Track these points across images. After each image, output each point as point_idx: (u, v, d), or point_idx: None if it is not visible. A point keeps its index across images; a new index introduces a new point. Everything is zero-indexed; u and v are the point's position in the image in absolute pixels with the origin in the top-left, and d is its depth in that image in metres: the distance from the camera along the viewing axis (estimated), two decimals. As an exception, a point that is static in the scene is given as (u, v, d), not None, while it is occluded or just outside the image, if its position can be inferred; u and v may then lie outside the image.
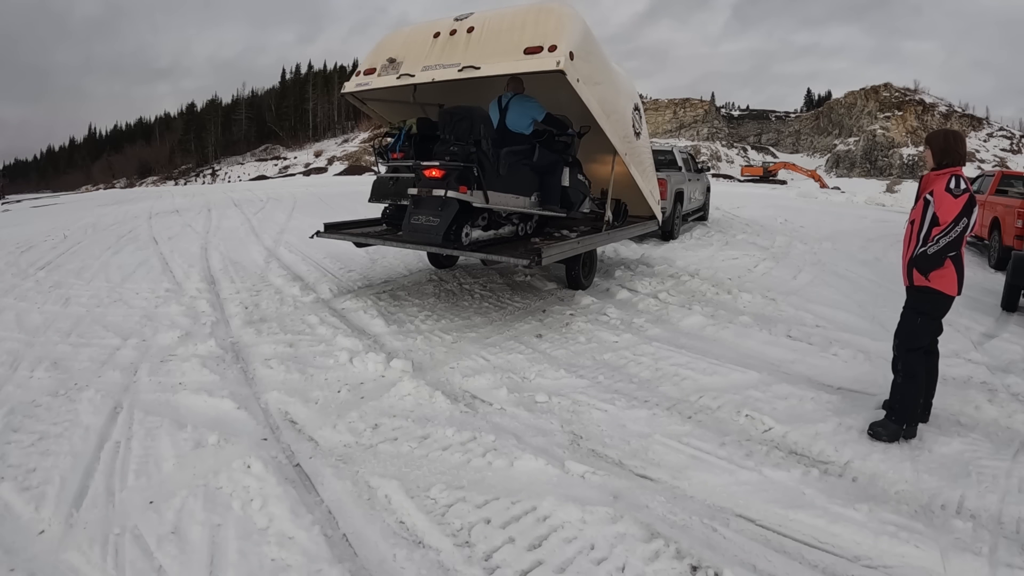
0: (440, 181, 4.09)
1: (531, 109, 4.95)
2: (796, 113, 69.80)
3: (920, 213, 2.82)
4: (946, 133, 2.90)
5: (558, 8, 4.36)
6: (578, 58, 4.14)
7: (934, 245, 2.71)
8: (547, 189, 5.01)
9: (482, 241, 4.68)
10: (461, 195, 4.07)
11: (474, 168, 4.12)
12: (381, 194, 5.33)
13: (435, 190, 4.07)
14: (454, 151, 4.13)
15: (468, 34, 4.54)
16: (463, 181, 4.08)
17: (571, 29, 4.21)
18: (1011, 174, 9.45)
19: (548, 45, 4.08)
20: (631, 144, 5.49)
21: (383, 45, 5.11)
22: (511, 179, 4.58)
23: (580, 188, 5.26)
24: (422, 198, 4.20)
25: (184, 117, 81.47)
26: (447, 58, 4.55)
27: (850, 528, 2.17)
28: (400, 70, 4.80)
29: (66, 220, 12.77)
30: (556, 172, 5.01)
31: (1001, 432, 2.98)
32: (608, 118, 4.80)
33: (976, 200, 2.74)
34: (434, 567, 1.98)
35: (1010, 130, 53.85)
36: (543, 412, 3.11)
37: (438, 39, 4.69)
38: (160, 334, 4.28)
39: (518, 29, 4.31)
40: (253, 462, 2.54)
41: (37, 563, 2.01)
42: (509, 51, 4.25)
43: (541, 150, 4.89)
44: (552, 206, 5.06)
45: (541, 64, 4.06)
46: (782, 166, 42.78)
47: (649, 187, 6.17)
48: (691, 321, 4.70)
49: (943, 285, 2.79)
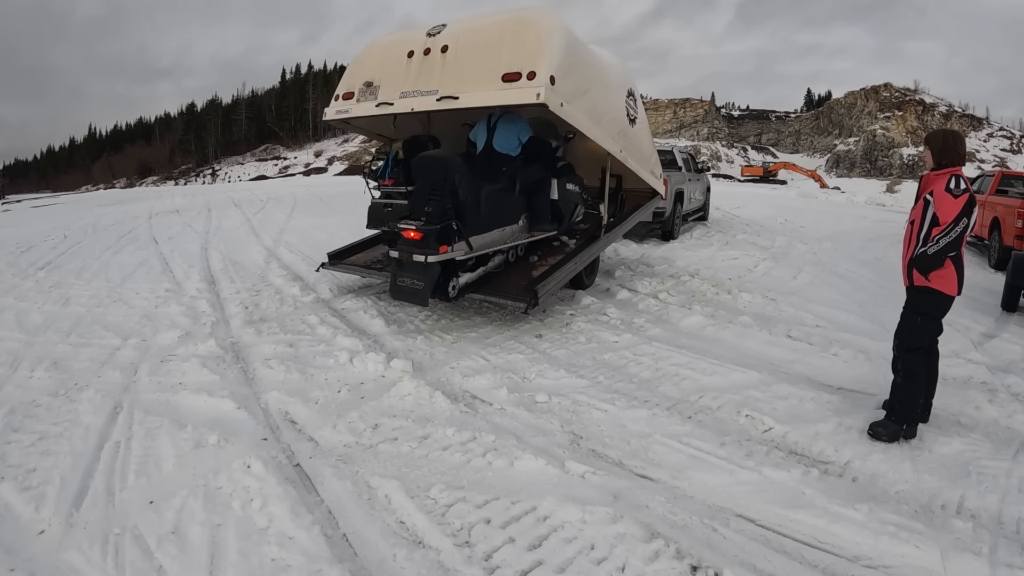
0: (419, 244, 3.96)
1: (519, 130, 4.82)
2: (796, 113, 69.81)
3: (920, 213, 2.81)
4: (945, 133, 2.90)
5: (535, 21, 4.12)
6: (560, 76, 3.95)
7: (934, 245, 2.70)
8: (535, 208, 4.90)
9: (472, 284, 4.59)
10: (442, 256, 3.96)
11: (453, 223, 4.01)
12: (378, 220, 5.32)
13: (415, 255, 3.95)
14: (429, 212, 3.98)
15: (443, 54, 4.32)
16: (443, 240, 3.97)
17: (550, 46, 3.98)
18: (1011, 174, 9.45)
19: (527, 72, 3.89)
20: (626, 136, 5.33)
21: (358, 65, 4.95)
22: (495, 213, 4.47)
23: (571, 198, 5.12)
24: (403, 261, 4.08)
25: (184, 117, 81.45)
26: (424, 83, 4.37)
27: (850, 528, 2.16)
28: (378, 95, 4.66)
29: (66, 220, 12.77)
30: (544, 189, 4.88)
31: (1001, 432, 2.98)
32: (598, 124, 4.65)
33: (976, 200, 2.73)
34: (434, 567, 1.98)
35: (1010, 130, 53.87)
36: (543, 412, 3.11)
37: (412, 59, 4.49)
38: (160, 334, 4.28)
39: (495, 48, 4.09)
40: (253, 462, 2.54)
41: (37, 563, 2.01)
42: (486, 77, 4.04)
43: (525, 169, 4.76)
44: (542, 226, 4.96)
45: (520, 96, 3.88)
46: (782, 166, 42.78)
47: (650, 167, 6.02)
48: (691, 321, 4.70)
49: (943, 285, 2.79)
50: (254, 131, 76.39)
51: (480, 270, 4.70)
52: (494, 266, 4.88)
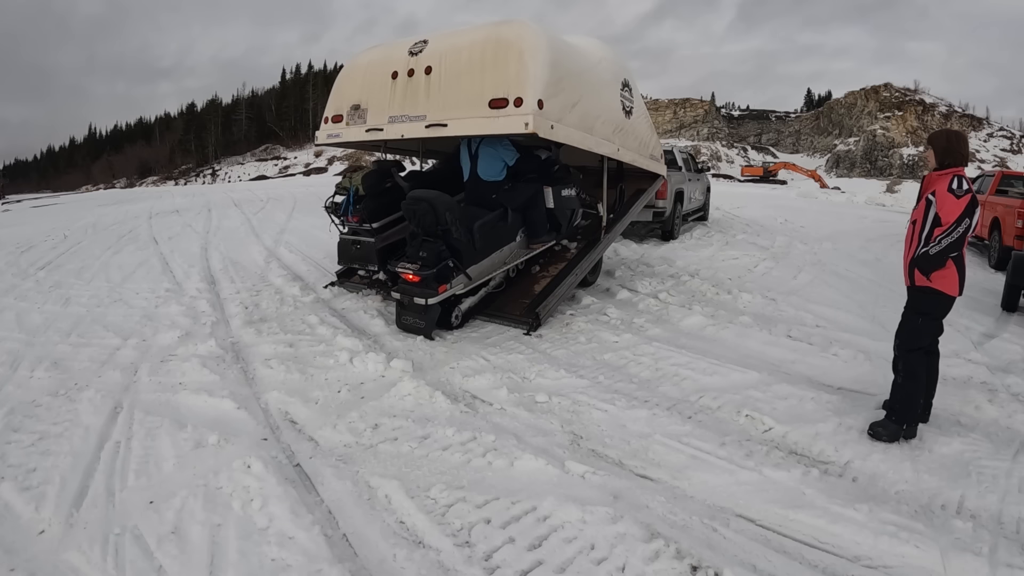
0: (418, 287, 4.05)
1: (503, 153, 4.69)
2: (796, 113, 69.81)
3: (922, 213, 2.81)
4: (948, 133, 2.89)
5: (516, 40, 3.98)
6: (548, 97, 3.89)
7: (936, 245, 2.70)
8: (532, 223, 4.86)
9: (475, 307, 4.65)
10: (441, 295, 4.06)
11: (449, 261, 4.07)
12: (348, 258, 5.15)
13: (415, 298, 4.04)
14: (424, 256, 4.04)
15: (427, 76, 4.27)
16: (441, 280, 4.05)
17: (535, 66, 3.88)
18: (1011, 174, 9.44)
19: (513, 98, 3.82)
20: (623, 131, 5.25)
21: (343, 87, 4.92)
22: (490, 240, 4.49)
23: (567, 204, 5.07)
24: (405, 304, 4.19)
25: (184, 117, 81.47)
26: (411, 107, 4.35)
27: (850, 528, 2.16)
28: (367, 119, 4.66)
29: (66, 220, 12.77)
30: (538, 203, 4.84)
31: (1001, 432, 2.98)
32: (591, 132, 4.59)
33: (978, 201, 2.73)
34: (434, 567, 1.98)
35: (1010, 130, 53.88)
36: (543, 412, 3.11)
37: (397, 80, 4.44)
38: (160, 334, 4.28)
39: (478, 70, 4.02)
40: (253, 462, 2.54)
41: (37, 563, 2.01)
42: (473, 101, 4.00)
43: (515, 191, 4.72)
44: (541, 239, 4.96)
45: (509, 125, 3.86)
46: (782, 166, 42.74)
47: (649, 152, 5.95)
48: (691, 321, 4.70)
49: (944, 285, 2.79)
50: (254, 131, 76.39)
51: (482, 291, 4.75)
52: (495, 285, 4.90)
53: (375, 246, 4.84)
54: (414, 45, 4.44)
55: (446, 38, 4.38)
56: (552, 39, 4.17)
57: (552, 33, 4.28)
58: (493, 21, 4.29)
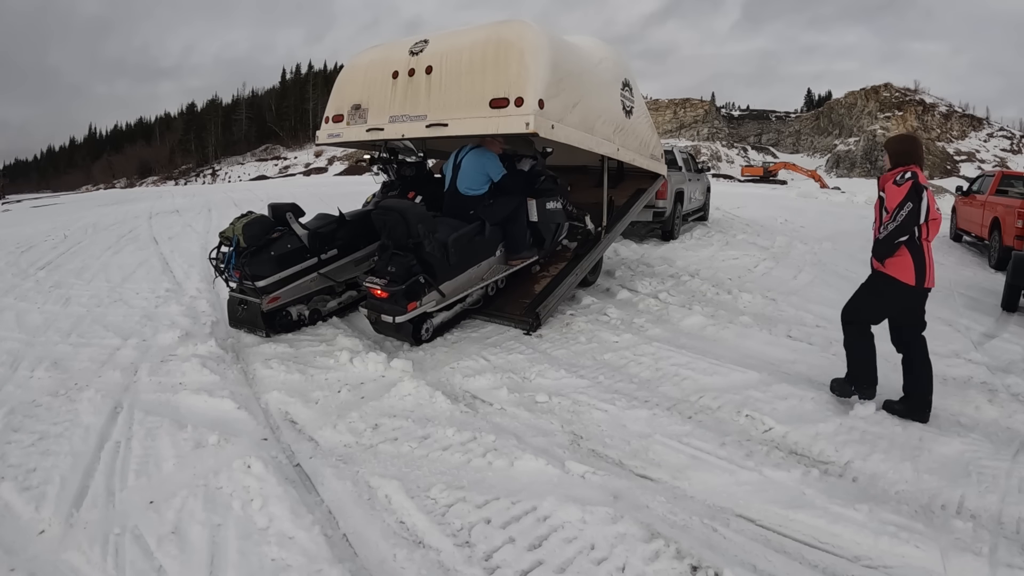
0: (387, 303, 3.83)
1: (488, 167, 4.50)
2: (796, 113, 69.85)
3: (877, 208, 3.11)
4: (902, 137, 3.19)
5: (516, 40, 3.97)
6: (549, 97, 3.88)
7: (883, 231, 2.96)
8: (512, 237, 4.62)
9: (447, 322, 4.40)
10: (411, 313, 3.86)
11: (420, 277, 3.84)
12: (238, 321, 4.38)
13: (383, 316, 3.84)
14: (392, 271, 3.81)
15: (428, 75, 4.24)
16: (411, 297, 3.84)
17: (535, 67, 3.87)
18: (1011, 174, 9.44)
19: (514, 98, 3.81)
20: (623, 130, 5.21)
21: (343, 87, 4.89)
22: (466, 255, 4.27)
23: (552, 217, 4.84)
24: (372, 320, 3.98)
25: (184, 117, 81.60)
26: (411, 107, 4.31)
27: (850, 528, 2.16)
28: (367, 118, 4.61)
29: (66, 220, 12.77)
30: (519, 216, 4.61)
31: (1001, 432, 2.98)
32: (591, 132, 4.55)
33: (923, 190, 2.89)
34: (434, 567, 1.98)
35: (1010, 130, 53.92)
36: (543, 412, 3.10)
37: (398, 80, 4.41)
38: (160, 334, 4.27)
39: (479, 70, 4.00)
40: (253, 462, 2.54)
41: (37, 563, 2.01)
42: (474, 101, 3.98)
43: (496, 206, 4.52)
44: (521, 254, 4.73)
45: (510, 125, 3.83)
46: (782, 166, 42.76)
47: (649, 151, 5.92)
48: (691, 321, 4.70)
49: (898, 272, 2.97)
50: (254, 131, 76.49)
51: (458, 307, 4.46)
52: (472, 302, 4.62)
53: (259, 307, 4.14)
54: (415, 45, 4.43)
55: (447, 38, 4.36)
56: (553, 39, 4.16)
57: (553, 33, 4.26)
58: (494, 21, 4.27)
